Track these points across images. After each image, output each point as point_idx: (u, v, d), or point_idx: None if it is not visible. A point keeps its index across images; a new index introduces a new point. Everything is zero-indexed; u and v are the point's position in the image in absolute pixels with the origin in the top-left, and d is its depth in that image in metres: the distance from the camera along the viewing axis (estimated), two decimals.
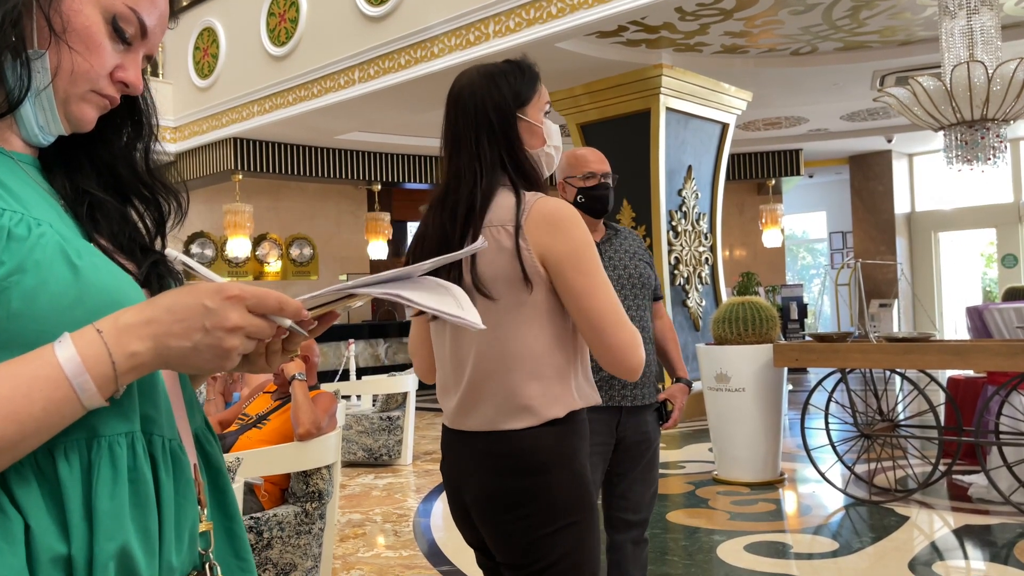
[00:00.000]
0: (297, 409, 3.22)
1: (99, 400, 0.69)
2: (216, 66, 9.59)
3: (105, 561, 0.70)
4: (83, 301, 0.71)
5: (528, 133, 1.57)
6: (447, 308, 0.82)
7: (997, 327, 4.94)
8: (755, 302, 5.16)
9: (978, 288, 13.70)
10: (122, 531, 0.71)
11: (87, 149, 0.87)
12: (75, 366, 0.67)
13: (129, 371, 0.70)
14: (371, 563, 3.72)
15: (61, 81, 0.78)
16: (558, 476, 1.46)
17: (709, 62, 7.87)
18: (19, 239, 0.70)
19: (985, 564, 3.54)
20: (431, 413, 9.04)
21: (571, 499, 1.47)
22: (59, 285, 0.70)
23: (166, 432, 0.79)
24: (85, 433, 0.72)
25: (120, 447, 0.73)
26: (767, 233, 12.53)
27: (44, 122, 0.79)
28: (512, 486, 1.46)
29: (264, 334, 0.74)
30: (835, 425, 5.00)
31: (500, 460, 1.48)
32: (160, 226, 0.90)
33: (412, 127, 9.95)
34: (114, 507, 0.71)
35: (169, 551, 0.76)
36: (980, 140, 5.11)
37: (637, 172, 7.59)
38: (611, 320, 1.44)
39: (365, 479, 5.67)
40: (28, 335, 0.68)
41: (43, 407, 0.66)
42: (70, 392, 0.67)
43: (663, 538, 3.96)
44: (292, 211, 12.38)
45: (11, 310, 0.68)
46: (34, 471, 0.70)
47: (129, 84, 0.83)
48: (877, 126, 11.13)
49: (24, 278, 0.69)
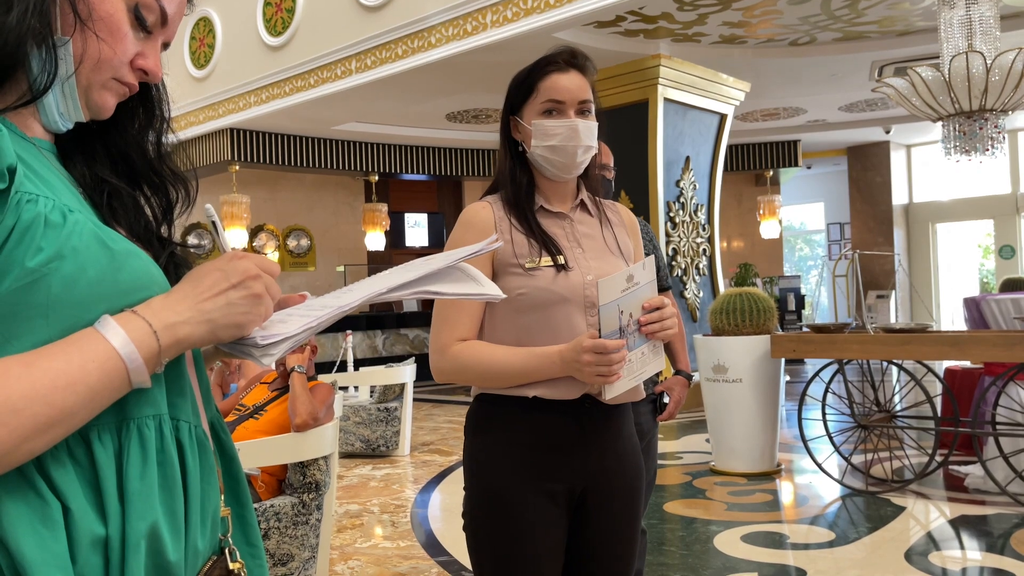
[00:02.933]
0: (295, 400, 3.22)
1: (145, 375, 0.71)
2: (212, 56, 9.55)
3: (137, 540, 0.71)
4: (119, 286, 0.73)
5: (525, 136, 1.60)
6: (469, 289, 0.88)
7: (994, 318, 4.94)
8: (753, 293, 5.16)
9: (975, 279, 13.72)
10: (152, 511, 0.73)
11: (100, 136, 0.87)
12: (122, 339, 0.70)
13: (172, 344, 0.73)
14: (369, 554, 3.72)
15: (85, 69, 0.79)
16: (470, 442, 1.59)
17: (707, 52, 7.85)
18: (55, 226, 0.70)
19: (981, 554, 3.55)
20: (429, 404, 9.04)
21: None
22: (97, 271, 0.72)
23: (192, 419, 0.81)
24: (115, 417, 0.73)
25: (148, 429, 0.75)
26: (765, 224, 12.53)
27: (65, 109, 0.80)
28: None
29: (275, 290, 0.79)
30: (832, 416, 5.01)
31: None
32: (167, 213, 0.91)
33: (409, 118, 9.92)
34: (144, 487, 0.73)
35: (195, 534, 0.78)
36: (978, 131, 5.10)
37: (635, 163, 7.58)
38: (434, 316, 1.58)
39: (363, 470, 5.68)
40: (68, 320, 0.70)
41: (97, 378, 0.68)
42: (120, 364, 0.69)
43: (660, 528, 3.97)
44: (289, 202, 12.36)
45: (51, 295, 0.69)
46: (68, 456, 0.71)
47: (149, 72, 0.83)
48: (875, 117, 11.11)
49: (63, 264, 0.70)
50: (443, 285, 0.86)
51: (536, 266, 1.53)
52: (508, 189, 1.60)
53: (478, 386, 1.57)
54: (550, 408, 1.50)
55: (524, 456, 1.50)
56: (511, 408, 1.52)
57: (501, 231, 1.55)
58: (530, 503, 1.49)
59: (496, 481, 1.51)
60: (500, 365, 1.49)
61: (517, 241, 1.55)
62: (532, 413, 1.50)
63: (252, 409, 3.45)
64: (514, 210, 1.59)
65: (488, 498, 1.52)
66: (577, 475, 1.52)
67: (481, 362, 1.50)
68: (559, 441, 1.51)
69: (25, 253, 0.68)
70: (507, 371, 1.49)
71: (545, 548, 1.50)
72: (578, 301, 1.54)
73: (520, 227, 1.56)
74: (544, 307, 1.52)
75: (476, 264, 1.47)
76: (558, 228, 1.60)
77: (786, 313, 12.11)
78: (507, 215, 1.58)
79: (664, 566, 3.40)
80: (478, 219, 1.57)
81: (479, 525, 1.54)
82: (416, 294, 0.85)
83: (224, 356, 0.87)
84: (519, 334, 1.53)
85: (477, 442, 1.57)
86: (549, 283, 1.52)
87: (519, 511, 1.49)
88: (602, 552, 1.56)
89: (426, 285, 0.85)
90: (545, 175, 1.61)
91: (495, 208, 1.59)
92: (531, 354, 1.48)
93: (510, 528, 1.49)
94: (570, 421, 1.51)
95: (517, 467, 1.50)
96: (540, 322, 1.52)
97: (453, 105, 9.47)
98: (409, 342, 11.42)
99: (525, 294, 1.52)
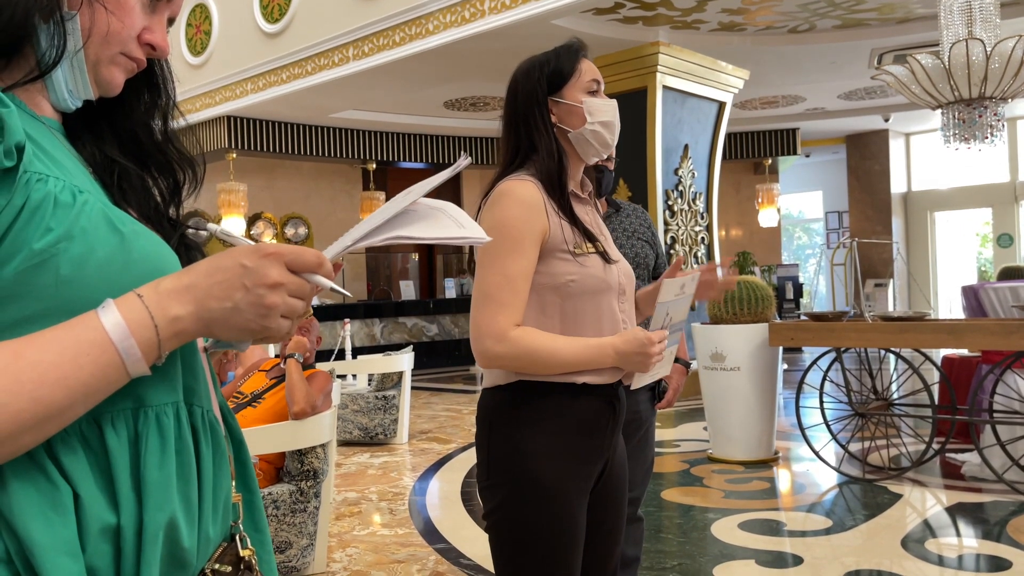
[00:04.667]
0: (292, 388, 3.21)
1: (143, 367, 0.68)
2: (209, 43, 9.50)
3: (155, 532, 0.70)
4: (129, 268, 0.71)
5: (568, 114, 1.59)
6: (449, 232, 0.81)
7: (992, 306, 4.94)
8: (751, 281, 5.15)
9: (973, 268, 13.72)
10: (170, 502, 0.72)
11: (107, 117, 0.86)
12: (121, 331, 0.67)
13: (172, 336, 0.70)
14: (367, 541, 3.73)
15: (93, 43, 0.77)
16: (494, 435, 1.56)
17: (706, 40, 7.81)
18: (65, 206, 0.69)
19: (977, 541, 3.56)
20: (427, 392, 9.05)
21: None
22: (106, 252, 0.70)
23: (204, 403, 0.79)
24: (132, 403, 0.72)
25: (167, 417, 0.74)
26: (763, 213, 12.52)
27: (74, 86, 0.78)
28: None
29: (303, 292, 0.73)
30: (829, 404, 5.02)
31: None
32: (175, 194, 0.90)
33: (407, 105, 9.89)
34: (163, 477, 0.71)
35: (207, 521, 0.77)
36: (978, 119, 5.09)
37: (633, 151, 7.55)
38: (479, 298, 1.51)
39: (361, 458, 5.68)
40: (77, 302, 0.68)
41: (91, 372, 0.66)
42: (116, 358, 0.67)
43: (658, 516, 3.98)
44: (287, 190, 12.32)
45: (60, 277, 0.68)
46: (80, 441, 0.69)
47: (156, 46, 0.82)
48: (874, 105, 11.09)
49: (72, 245, 0.68)
50: (422, 229, 0.80)
51: (584, 253, 1.53)
52: (553, 171, 1.57)
53: (527, 373, 1.51)
54: (593, 392, 1.53)
55: (570, 444, 1.52)
56: (558, 396, 1.51)
57: (549, 213, 1.53)
58: (576, 490, 1.52)
59: (549, 474, 1.49)
60: (561, 354, 1.49)
61: (564, 226, 1.54)
62: (578, 399, 1.52)
63: (250, 397, 3.44)
64: (555, 194, 1.56)
65: (541, 491, 1.49)
66: (603, 455, 1.58)
67: (541, 350, 1.48)
68: (597, 425, 1.55)
69: (34, 233, 0.67)
70: (566, 360, 1.49)
71: (581, 531, 1.54)
72: (616, 289, 1.58)
73: (562, 212, 1.55)
74: (593, 294, 1.54)
75: (529, 241, 1.49)
76: (586, 215, 1.62)
77: (784, 302, 12.11)
78: (548, 198, 1.55)
79: (662, 553, 3.41)
80: (531, 197, 1.52)
81: (526, 519, 1.49)
82: (394, 239, 0.78)
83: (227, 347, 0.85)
84: (564, 320, 1.53)
85: (519, 434, 1.51)
86: (600, 271, 1.54)
87: (568, 500, 1.50)
88: (608, 524, 1.63)
89: (400, 230, 0.79)
90: (585, 155, 1.62)
91: (539, 188, 1.55)
92: (588, 345, 1.51)
93: (560, 519, 1.49)
94: (607, 405, 1.56)
95: (565, 456, 1.51)
96: (587, 309, 1.54)
97: (451, 93, 9.43)
98: (407, 330, 11.42)
99: (576, 280, 1.52)
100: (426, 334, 11.55)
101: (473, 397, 8.58)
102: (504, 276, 1.48)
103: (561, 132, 1.60)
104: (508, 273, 1.48)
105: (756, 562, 3.28)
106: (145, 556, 0.70)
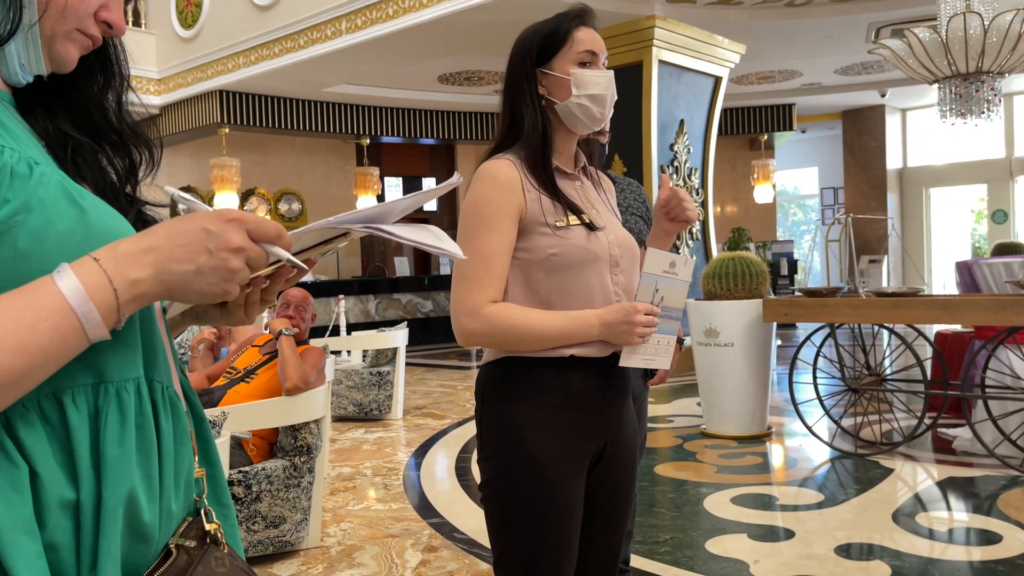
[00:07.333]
0: (284, 364, 3.21)
1: (103, 331, 0.67)
2: (200, 16, 9.39)
3: (115, 506, 0.70)
4: (89, 241, 0.70)
5: (556, 86, 1.56)
6: (428, 240, 0.84)
7: (986, 282, 4.95)
8: (745, 257, 5.15)
9: (968, 244, 13.74)
10: (129, 477, 0.72)
11: (60, 94, 0.85)
12: (79, 296, 0.66)
13: (131, 300, 0.69)
14: (361, 516, 3.74)
15: (49, 17, 0.76)
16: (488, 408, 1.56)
17: (702, 14, 7.74)
18: (22, 177, 0.68)
19: (968, 515, 3.59)
20: (421, 368, 9.06)
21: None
22: (65, 224, 0.69)
23: (164, 379, 0.79)
24: (92, 378, 0.71)
25: (128, 393, 0.73)
26: (759, 189, 12.50)
27: (27, 60, 0.77)
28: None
29: (260, 262, 0.73)
30: (823, 380, 5.03)
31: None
32: (131, 175, 0.88)
33: (402, 80, 9.81)
34: (122, 453, 0.71)
35: (169, 497, 0.77)
36: (975, 93, 5.07)
37: (628, 126, 7.51)
38: (456, 278, 1.53)
39: (355, 433, 5.70)
40: (35, 276, 0.67)
41: (49, 338, 0.65)
42: (75, 322, 0.66)
43: (651, 491, 4.00)
44: (280, 166, 12.25)
45: (18, 249, 0.67)
46: (39, 417, 0.69)
47: (113, 24, 0.81)
48: (871, 80, 11.03)
49: (30, 217, 0.67)
50: (401, 229, 0.82)
51: (565, 225, 1.51)
52: (536, 145, 1.55)
53: (509, 349, 1.51)
54: (584, 367, 1.51)
55: (560, 418, 1.50)
56: (545, 370, 1.50)
57: (527, 190, 1.51)
58: (568, 465, 1.51)
59: (536, 446, 1.49)
60: (538, 328, 1.47)
61: (544, 201, 1.52)
62: (566, 373, 1.50)
63: (243, 372, 3.44)
64: (537, 169, 1.54)
65: (528, 463, 1.49)
66: (601, 433, 1.55)
67: (517, 324, 1.47)
68: (591, 400, 1.53)
69: None
70: (545, 334, 1.47)
71: (574, 508, 1.52)
72: (606, 260, 1.55)
73: (543, 186, 1.53)
74: (579, 266, 1.51)
75: (503, 219, 1.49)
76: (572, 189, 1.59)
77: (778, 278, 12.13)
78: (529, 174, 1.53)
79: (654, 527, 3.43)
80: (505, 176, 1.51)
81: (515, 491, 1.50)
82: (372, 231, 0.80)
83: (193, 324, 0.85)
84: (551, 294, 1.51)
85: (508, 408, 1.51)
86: (583, 242, 1.51)
87: (558, 474, 1.49)
88: (609, 507, 1.60)
89: (381, 224, 0.81)
90: (573, 128, 1.58)
91: (517, 166, 1.53)
92: (568, 317, 1.48)
93: (548, 492, 1.49)
94: (599, 380, 1.53)
95: (555, 430, 1.50)
96: (574, 281, 1.51)
97: (446, 67, 9.35)
98: (402, 307, 11.42)
99: (558, 254, 1.50)
100: (421, 310, 11.55)
101: (467, 373, 8.60)
102: (478, 254, 1.48)
103: (550, 104, 1.57)
104: (481, 251, 1.48)
105: (748, 536, 3.30)
106: (104, 530, 0.70)
